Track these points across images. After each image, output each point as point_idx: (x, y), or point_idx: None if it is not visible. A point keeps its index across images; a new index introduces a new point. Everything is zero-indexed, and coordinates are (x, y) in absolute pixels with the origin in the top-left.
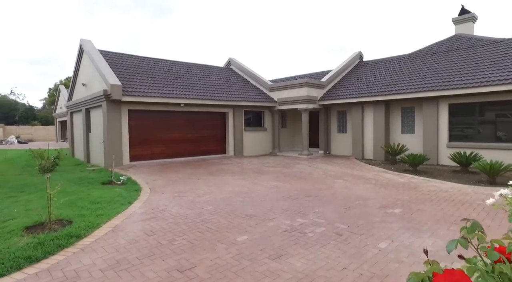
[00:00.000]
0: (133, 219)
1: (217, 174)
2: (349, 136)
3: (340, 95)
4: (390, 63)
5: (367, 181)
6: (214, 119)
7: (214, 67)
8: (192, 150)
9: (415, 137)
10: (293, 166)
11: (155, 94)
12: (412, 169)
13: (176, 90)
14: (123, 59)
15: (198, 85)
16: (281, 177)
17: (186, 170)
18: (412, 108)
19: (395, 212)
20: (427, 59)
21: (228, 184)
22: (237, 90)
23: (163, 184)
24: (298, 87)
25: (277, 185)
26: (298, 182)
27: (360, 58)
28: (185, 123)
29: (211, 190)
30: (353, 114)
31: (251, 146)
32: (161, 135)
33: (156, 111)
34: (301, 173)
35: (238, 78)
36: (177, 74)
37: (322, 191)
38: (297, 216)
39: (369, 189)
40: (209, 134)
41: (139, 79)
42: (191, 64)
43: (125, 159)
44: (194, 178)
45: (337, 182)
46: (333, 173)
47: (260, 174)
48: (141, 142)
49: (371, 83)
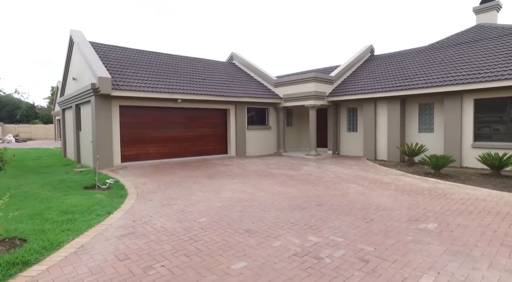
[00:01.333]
0: (106, 236)
1: (215, 177)
2: (360, 135)
3: (350, 90)
4: (405, 56)
5: (386, 186)
6: (215, 116)
7: (215, 62)
8: (190, 149)
9: (434, 136)
10: (300, 167)
11: (149, 88)
12: (434, 172)
13: (173, 85)
14: (117, 52)
15: (197, 80)
16: (287, 180)
17: (182, 172)
18: (431, 105)
19: (429, 227)
20: (447, 51)
21: (227, 189)
22: (239, 86)
23: (153, 188)
24: (305, 82)
25: (283, 190)
26: (307, 186)
27: (371, 52)
28: (183, 121)
29: (207, 197)
30: (364, 112)
31: (254, 145)
32: (157, 134)
33: (151, 108)
34: (310, 176)
35: (241, 74)
36: (175, 68)
37: (335, 198)
38: (308, 232)
39: (390, 196)
40: (209, 133)
41: (132, 73)
42: (190, 58)
43: (116, 159)
44: (189, 182)
45: (351, 187)
46: (346, 176)
47: (264, 177)
48: (134, 141)
49: (384, 77)
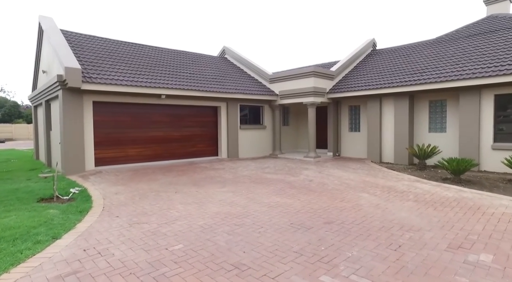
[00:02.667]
0: (34, 279)
1: (202, 184)
2: (364, 135)
3: (353, 86)
4: (411, 50)
5: (402, 195)
6: (204, 115)
7: (205, 56)
8: (176, 151)
9: (446, 137)
10: (299, 171)
11: (127, 82)
12: (454, 178)
13: (157, 79)
14: (94, 43)
15: (184, 74)
16: (286, 188)
17: (165, 177)
18: (443, 102)
19: (483, 261)
20: (459, 43)
21: (215, 200)
22: (231, 81)
23: (126, 199)
24: (304, 77)
25: (282, 201)
26: (310, 196)
27: (373, 47)
28: (168, 119)
29: (189, 211)
30: (368, 110)
31: (247, 146)
32: (138, 134)
33: (131, 105)
34: (311, 182)
35: (234, 69)
36: (160, 61)
37: (346, 212)
38: (319, 269)
39: (412, 210)
40: (197, 133)
41: (109, 65)
42: (178, 51)
43: (89, 163)
44: (171, 191)
45: (362, 196)
46: (352, 183)
47: (259, 184)
48: (111, 142)
49: (390, 72)
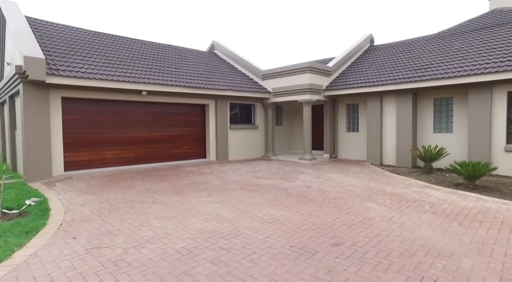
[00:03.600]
0: None
1: (186, 192)
2: (362, 136)
3: (351, 83)
4: (412, 45)
5: (416, 205)
6: (191, 113)
7: (193, 51)
8: (159, 153)
9: (453, 137)
10: (295, 176)
11: (102, 76)
12: (468, 184)
13: (137, 73)
14: (67, 33)
15: (169, 69)
16: (281, 197)
17: (144, 184)
18: (449, 100)
19: None
20: (464, 37)
21: (198, 214)
22: (221, 77)
23: (91, 213)
24: (299, 73)
25: (278, 215)
26: (310, 207)
27: (371, 42)
28: (151, 118)
29: (166, 229)
30: (368, 108)
31: (238, 148)
32: (116, 134)
33: (108, 102)
34: (310, 190)
35: (223, 64)
36: (142, 55)
37: (355, 229)
38: None
39: (434, 225)
40: (183, 133)
41: (83, 57)
42: (162, 45)
43: (57, 167)
44: (148, 201)
45: (370, 207)
46: (356, 190)
47: (250, 192)
48: (84, 144)
49: (392, 68)
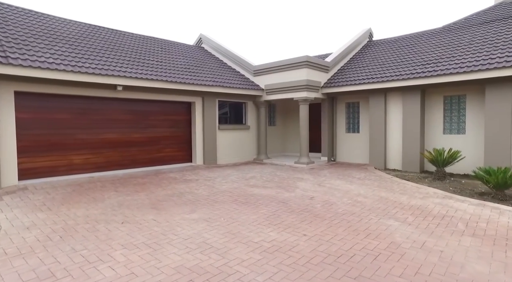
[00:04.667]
0: None
1: (165, 207)
2: (364, 137)
3: (352, 80)
4: (416, 39)
5: (446, 223)
6: (175, 112)
7: (178, 44)
8: (138, 157)
9: (466, 139)
10: (293, 183)
11: (66, 67)
12: (495, 193)
13: (111, 65)
14: (29, 17)
15: (150, 62)
16: (281, 212)
17: (116, 195)
18: (462, 97)
19: None
20: (474, 30)
21: (177, 240)
22: (208, 72)
23: (34, 241)
24: (295, 68)
25: (280, 240)
26: (319, 227)
27: (369, 37)
28: (128, 117)
29: (131, 267)
30: (371, 107)
31: (228, 150)
32: (86, 135)
33: (76, 98)
34: (313, 201)
35: (212, 59)
36: (118, 46)
37: (383, 262)
38: None
39: (485, 256)
40: (166, 135)
41: (45, 45)
42: (143, 36)
43: (8, 176)
44: (116, 219)
45: (391, 226)
46: (367, 201)
47: (243, 205)
48: (45, 147)
49: (396, 63)
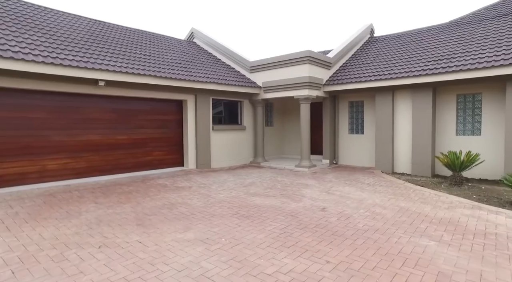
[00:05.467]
0: None
1: (153, 223)
2: (368, 138)
3: (357, 77)
4: (422, 35)
5: (494, 243)
6: (165, 111)
7: (168, 38)
8: (123, 162)
9: (481, 141)
10: (298, 191)
11: (36, 58)
12: None
13: (92, 57)
14: (5, 5)
15: (137, 56)
16: (292, 228)
17: (96, 208)
18: (477, 96)
19: None
20: (487, 25)
21: (168, 272)
22: (201, 68)
23: None
24: (296, 64)
25: (298, 270)
26: (341, 250)
27: (371, 33)
28: (112, 117)
29: None
30: (377, 106)
31: (222, 153)
32: (63, 137)
33: (51, 94)
34: (326, 214)
35: (205, 55)
36: (102, 38)
37: None
38: None
39: None
40: (155, 136)
41: (9, 32)
42: (130, 29)
43: None
44: (92, 242)
45: (428, 247)
46: (388, 213)
47: (246, 220)
48: (12, 151)
49: (404, 59)
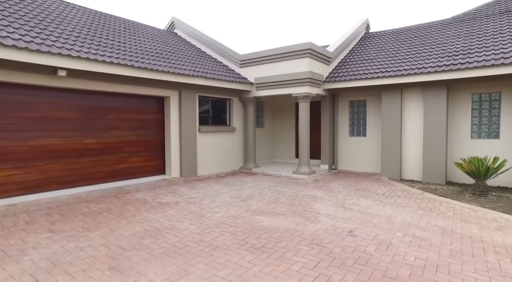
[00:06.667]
0: None
1: (131, 265)
2: (372, 141)
3: (360, 74)
4: (425, 30)
5: None
6: (144, 109)
7: (146, 26)
8: (93, 171)
9: (499, 145)
10: (309, 206)
11: None
12: None
13: (48, 39)
14: None
15: (109, 42)
16: (326, 267)
17: (47, 241)
18: (494, 95)
19: None
20: (499, 19)
21: None
22: (186, 61)
23: None
24: (295, 57)
25: None
26: None
27: (366, 29)
28: (77, 115)
29: None
30: (383, 106)
31: (209, 157)
32: (10, 141)
33: None
34: (358, 240)
35: (188, 47)
36: (63, 17)
37: None
38: None
39: None
40: (131, 139)
41: None
42: (104, 13)
43: None
44: None
45: None
46: (432, 238)
47: (261, 255)
48: None
49: (413, 55)
